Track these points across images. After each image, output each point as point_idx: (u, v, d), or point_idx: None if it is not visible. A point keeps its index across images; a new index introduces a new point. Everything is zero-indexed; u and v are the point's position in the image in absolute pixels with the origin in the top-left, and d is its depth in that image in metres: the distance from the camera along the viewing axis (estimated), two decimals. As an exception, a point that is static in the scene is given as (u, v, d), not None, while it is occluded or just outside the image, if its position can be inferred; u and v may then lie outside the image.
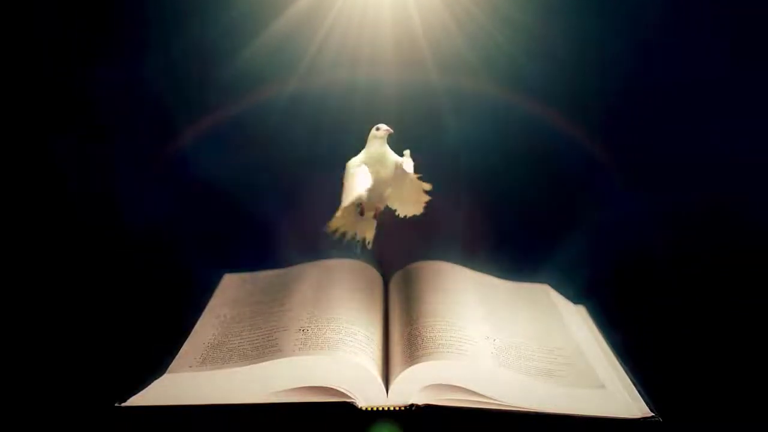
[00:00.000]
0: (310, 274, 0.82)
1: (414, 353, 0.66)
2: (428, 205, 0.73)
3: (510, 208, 0.93)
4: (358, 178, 0.67)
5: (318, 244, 0.84)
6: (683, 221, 0.92)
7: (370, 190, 0.68)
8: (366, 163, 0.69)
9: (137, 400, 0.63)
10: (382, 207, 0.72)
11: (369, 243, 0.74)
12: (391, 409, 0.63)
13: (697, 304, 0.84)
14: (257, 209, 0.92)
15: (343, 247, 0.73)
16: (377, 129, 0.69)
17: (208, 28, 0.86)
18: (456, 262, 0.85)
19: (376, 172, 0.69)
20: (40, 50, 0.87)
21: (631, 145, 0.91)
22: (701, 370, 0.72)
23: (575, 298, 0.84)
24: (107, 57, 0.88)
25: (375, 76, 0.88)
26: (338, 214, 0.68)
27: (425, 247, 0.88)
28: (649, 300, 0.86)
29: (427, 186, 0.72)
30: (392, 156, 0.70)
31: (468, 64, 0.87)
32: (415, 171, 0.70)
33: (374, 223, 0.73)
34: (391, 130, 0.69)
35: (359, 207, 0.72)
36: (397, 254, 0.86)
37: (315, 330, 0.69)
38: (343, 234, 0.73)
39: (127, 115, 0.90)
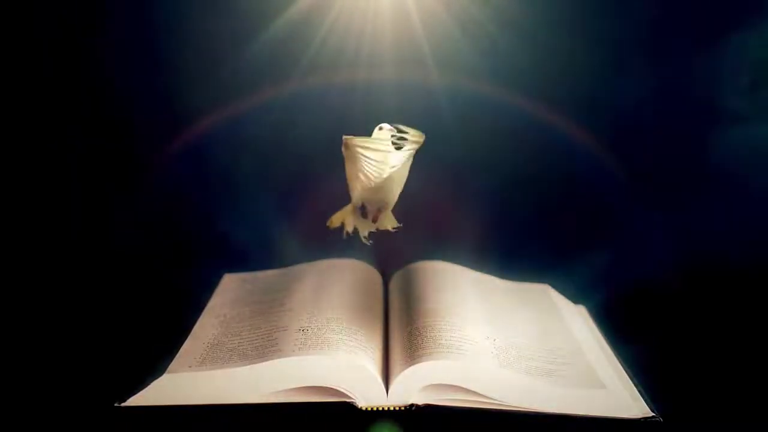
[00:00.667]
0: (310, 274, 0.82)
1: (414, 353, 0.66)
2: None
3: (510, 208, 0.93)
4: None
5: (318, 244, 0.84)
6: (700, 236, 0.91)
7: (374, 193, 0.68)
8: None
9: (137, 400, 0.62)
10: (385, 210, 0.71)
11: (396, 227, 0.72)
12: (391, 409, 0.62)
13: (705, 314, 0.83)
14: (257, 209, 0.92)
15: (347, 242, 0.73)
16: (380, 129, 0.69)
17: (208, 28, 0.86)
18: (456, 262, 0.85)
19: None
20: (40, 50, 0.87)
21: (637, 151, 0.91)
22: (702, 370, 0.72)
23: (575, 297, 0.84)
24: (107, 57, 0.88)
25: (375, 76, 0.88)
26: (342, 212, 0.67)
27: (425, 247, 0.88)
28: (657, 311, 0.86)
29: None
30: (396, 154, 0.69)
31: (469, 64, 0.87)
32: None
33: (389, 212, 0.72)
34: (395, 130, 0.69)
35: (361, 208, 0.71)
36: (397, 254, 0.86)
37: (315, 330, 0.69)
38: (345, 229, 0.72)
39: (126, 114, 0.90)
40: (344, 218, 0.72)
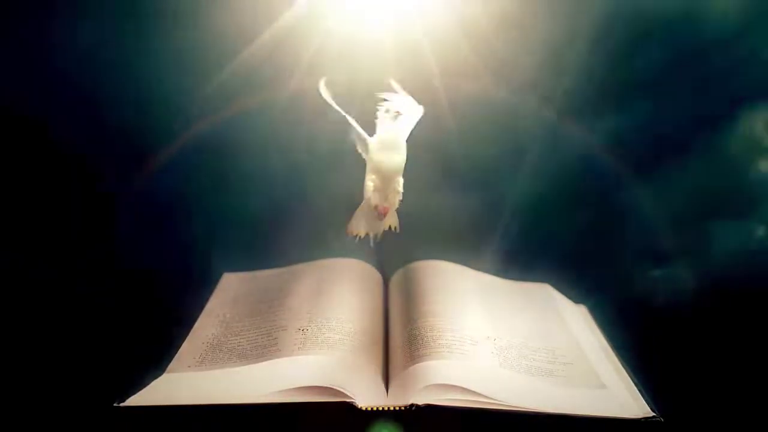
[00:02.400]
0: (309, 273, 0.82)
1: (414, 353, 0.66)
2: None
3: (509, 208, 0.93)
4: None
5: (318, 244, 0.84)
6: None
7: (384, 182, 0.67)
8: (380, 149, 0.65)
9: (136, 399, 0.62)
10: (396, 201, 0.67)
11: (396, 228, 0.70)
12: (391, 409, 0.62)
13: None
14: (257, 209, 0.92)
15: (355, 244, 0.73)
16: (386, 111, 0.66)
17: (208, 28, 0.86)
18: (456, 262, 0.85)
19: (389, 158, 0.65)
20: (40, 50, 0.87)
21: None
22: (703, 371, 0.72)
23: (576, 297, 0.84)
24: (107, 57, 0.88)
25: (375, 77, 0.88)
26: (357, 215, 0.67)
27: (425, 247, 0.88)
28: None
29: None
30: (403, 139, 0.66)
31: (470, 65, 0.87)
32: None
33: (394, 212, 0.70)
34: (401, 112, 0.67)
35: (377, 208, 0.70)
36: (397, 254, 0.86)
37: (314, 330, 0.68)
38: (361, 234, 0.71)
39: (126, 114, 0.90)
40: (359, 222, 0.71)
